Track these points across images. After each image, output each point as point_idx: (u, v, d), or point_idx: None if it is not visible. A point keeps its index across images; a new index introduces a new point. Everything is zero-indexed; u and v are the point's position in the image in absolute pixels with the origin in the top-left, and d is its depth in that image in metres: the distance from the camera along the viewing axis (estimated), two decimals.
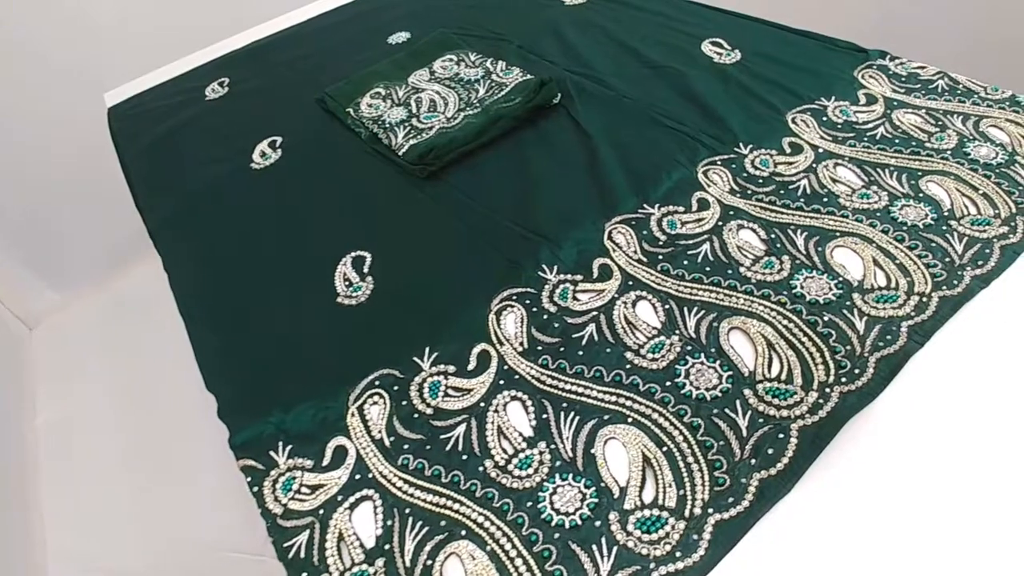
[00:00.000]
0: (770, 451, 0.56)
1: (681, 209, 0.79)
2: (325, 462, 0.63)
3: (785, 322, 0.65)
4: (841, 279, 0.68)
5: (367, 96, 1.06)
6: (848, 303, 0.66)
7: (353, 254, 0.82)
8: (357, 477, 0.61)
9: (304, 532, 0.58)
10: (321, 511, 0.59)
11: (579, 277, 0.73)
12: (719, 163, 0.84)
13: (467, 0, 1.35)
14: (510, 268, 0.76)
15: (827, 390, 0.59)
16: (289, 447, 0.64)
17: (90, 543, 1.39)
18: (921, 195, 0.75)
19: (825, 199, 0.77)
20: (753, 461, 0.55)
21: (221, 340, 0.76)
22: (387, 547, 0.56)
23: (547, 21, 1.22)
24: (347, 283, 0.79)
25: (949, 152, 0.79)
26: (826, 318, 0.65)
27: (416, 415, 0.64)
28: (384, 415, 0.65)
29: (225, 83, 1.23)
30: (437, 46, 1.16)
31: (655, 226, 0.77)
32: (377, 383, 0.67)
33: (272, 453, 0.64)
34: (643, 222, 0.78)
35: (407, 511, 0.58)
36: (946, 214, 0.72)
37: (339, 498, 0.60)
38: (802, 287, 0.68)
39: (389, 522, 0.57)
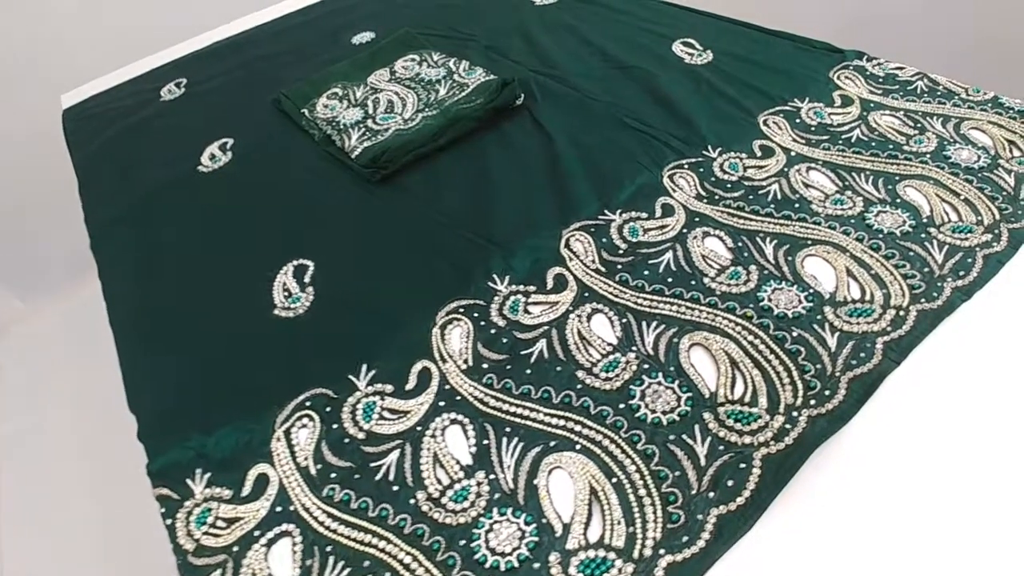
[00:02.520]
0: (730, 483, 0.49)
1: (644, 215, 0.73)
2: (245, 492, 0.56)
3: (751, 338, 0.58)
4: (812, 291, 0.62)
5: (324, 96, 1.00)
6: (819, 317, 0.59)
7: (295, 263, 0.75)
8: (278, 510, 0.54)
9: (215, 572, 0.51)
10: (235, 548, 0.52)
11: (532, 288, 0.67)
12: (686, 167, 0.78)
13: None
14: (459, 278, 0.69)
15: (794, 414, 0.53)
16: (208, 475, 0.57)
17: (46, 558, 1.31)
18: (898, 201, 0.69)
19: (797, 205, 0.71)
20: (711, 494, 0.49)
21: (148, 354, 0.69)
22: None
23: (515, 21, 1.15)
24: (286, 294, 0.72)
25: (928, 156, 0.73)
26: (795, 334, 0.58)
27: (347, 440, 0.57)
28: (312, 440, 0.58)
29: (182, 84, 1.16)
30: (400, 46, 1.10)
31: (615, 233, 0.71)
32: (308, 404, 0.60)
33: (189, 481, 0.57)
34: (603, 229, 0.72)
35: (328, 549, 0.51)
36: (925, 221, 0.66)
37: (256, 533, 0.53)
38: (770, 299, 0.61)
39: (308, 562, 0.50)
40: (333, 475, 0.55)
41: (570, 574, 0.46)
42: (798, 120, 0.82)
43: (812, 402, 0.53)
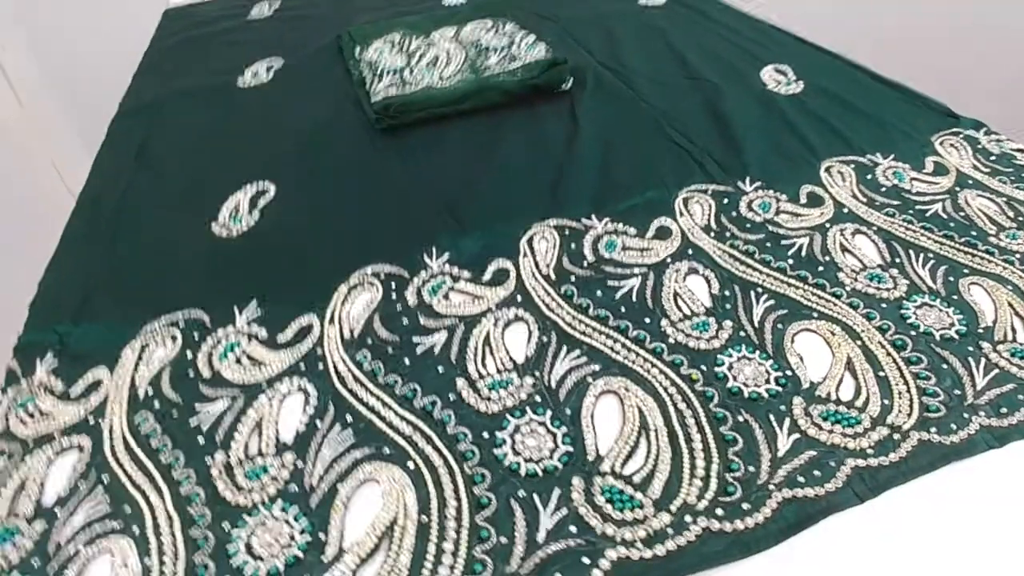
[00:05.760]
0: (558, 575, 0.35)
1: (632, 231, 0.58)
2: (74, 392, 0.48)
3: (681, 405, 0.43)
4: (789, 373, 0.45)
5: (380, 40, 0.93)
6: (783, 408, 0.43)
7: (258, 185, 0.68)
8: (89, 421, 0.46)
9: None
10: (30, 444, 0.45)
11: (465, 274, 0.55)
12: (709, 193, 0.63)
13: None
14: (400, 243, 0.59)
15: (687, 518, 0.37)
16: (54, 363, 0.51)
17: None
18: (955, 298, 0.50)
19: (821, 268, 0.54)
20: None
21: (83, 234, 0.64)
22: (57, 511, 0.41)
23: (607, 13, 1.03)
24: (233, 212, 0.65)
25: (1018, 256, 0.53)
26: (741, 418, 0.43)
27: (191, 375, 0.49)
28: (162, 362, 0.50)
29: (274, 7, 1.14)
30: (480, 11, 1.00)
31: (588, 242, 0.57)
32: (181, 323, 0.53)
33: (38, 362, 0.51)
34: (577, 234, 0.58)
35: (105, 478, 0.42)
36: (981, 331, 0.47)
37: (55, 437, 0.45)
38: (731, 368, 0.46)
39: (81, 484, 0.42)
40: (156, 405, 0.47)
41: None
42: (870, 176, 0.64)
43: (719, 511, 0.38)
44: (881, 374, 0.45)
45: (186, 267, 0.59)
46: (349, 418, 0.44)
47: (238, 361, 0.49)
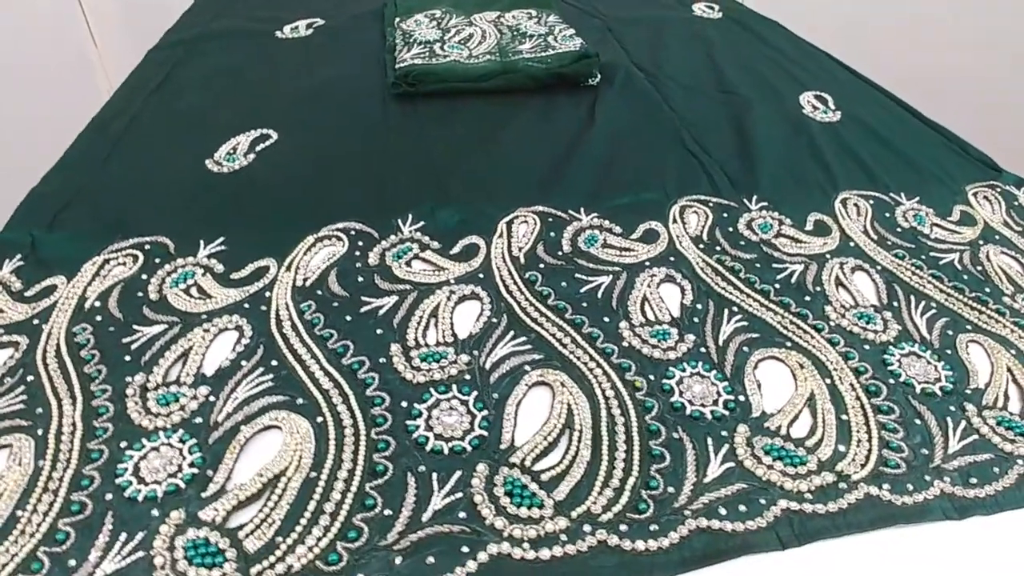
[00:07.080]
0: (431, 560, 0.33)
1: (617, 229, 0.55)
2: (30, 292, 0.48)
3: (616, 411, 0.40)
4: (741, 399, 0.41)
5: (422, 13, 0.92)
6: (725, 433, 0.39)
7: (263, 130, 0.67)
8: (35, 322, 0.46)
9: None
10: None
11: (434, 244, 0.53)
12: (711, 205, 0.59)
13: None
14: (380, 205, 0.57)
15: (586, 527, 0.34)
16: (20, 264, 0.51)
17: None
18: (949, 353, 0.45)
19: (808, 298, 0.49)
20: (399, 560, 0.33)
21: (84, 152, 0.65)
22: None
23: (657, 17, 0.99)
24: (231, 152, 0.64)
25: None
26: (676, 435, 0.39)
27: (140, 295, 0.48)
28: (117, 279, 0.49)
29: None
30: (528, 1, 0.98)
31: (569, 234, 0.54)
32: (147, 246, 0.52)
33: (6, 262, 0.51)
34: (560, 223, 0.56)
35: (31, 379, 0.42)
36: (969, 392, 0.42)
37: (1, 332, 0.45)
38: (679, 384, 0.42)
39: (7, 380, 0.42)
40: (99, 318, 0.46)
41: (176, 546, 0.33)
42: (888, 215, 0.59)
43: (622, 527, 0.34)
44: (844, 417, 0.41)
45: (169, 196, 0.59)
46: (275, 362, 0.43)
47: (187, 291, 0.48)
